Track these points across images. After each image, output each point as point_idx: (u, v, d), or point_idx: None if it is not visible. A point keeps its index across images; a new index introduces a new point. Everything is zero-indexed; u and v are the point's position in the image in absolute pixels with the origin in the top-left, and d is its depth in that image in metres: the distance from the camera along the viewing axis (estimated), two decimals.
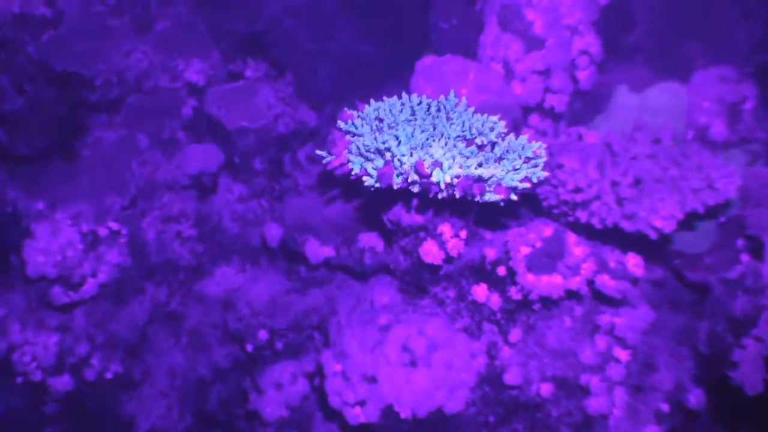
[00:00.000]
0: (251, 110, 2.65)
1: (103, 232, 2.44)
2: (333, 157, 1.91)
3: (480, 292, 2.13)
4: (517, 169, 1.83)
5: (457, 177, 1.68)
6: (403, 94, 2.11)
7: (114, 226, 2.48)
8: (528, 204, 2.13)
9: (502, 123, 1.98)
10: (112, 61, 2.51)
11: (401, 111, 2.06)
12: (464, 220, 2.03)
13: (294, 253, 2.53)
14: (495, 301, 2.13)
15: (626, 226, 1.76)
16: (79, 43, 2.43)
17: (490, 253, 2.10)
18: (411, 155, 1.75)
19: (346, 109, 2.07)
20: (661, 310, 2.31)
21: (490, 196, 1.70)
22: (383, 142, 1.87)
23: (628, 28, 2.60)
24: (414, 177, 1.68)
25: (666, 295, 2.30)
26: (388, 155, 1.79)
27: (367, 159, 1.87)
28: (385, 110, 2.05)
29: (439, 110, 2.08)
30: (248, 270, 2.82)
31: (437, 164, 1.70)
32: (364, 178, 1.81)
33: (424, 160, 1.71)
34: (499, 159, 1.89)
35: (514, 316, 2.19)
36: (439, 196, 1.69)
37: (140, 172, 2.56)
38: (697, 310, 2.23)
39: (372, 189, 1.80)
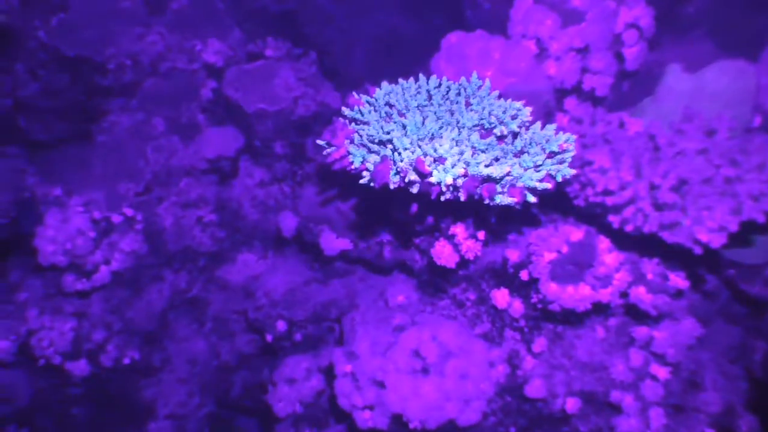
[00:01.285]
0: (270, 92, 2.44)
1: (116, 219, 2.31)
2: (333, 148, 1.67)
3: (500, 297, 1.86)
4: (539, 165, 1.54)
5: (464, 176, 1.41)
6: (420, 76, 1.84)
7: (128, 212, 2.35)
8: (557, 202, 1.83)
9: (527, 110, 1.68)
10: (123, 44, 2.34)
11: (415, 96, 1.80)
12: (482, 219, 1.77)
13: (310, 244, 2.33)
14: (517, 307, 1.86)
15: (666, 236, 1.45)
16: (90, 27, 2.27)
17: (513, 256, 1.83)
18: (414, 149, 1.49)
19: (354, 93, 1.83)
20: (712, 322, 1.98)
21: (502, 199, 1.43)
22: (387, 132, 1.62)
23: None
24: (413, 176, 1.42)
25: (719, 306, 1.96)
26: (388, 149, 1.54)
27: (371, 151, 1.63)
28: (397, 95, 1.79)
29: (459, 95, 1.80)
30: (270, 257, 2.65)
31: (441, 161, 1.44)
32: (364, 173, 1.56)
33: (426, 156, 1.45)
34: (520, 153, 1.60)
35: (539, 323, 1.92)
36: (442, 198, 1.43)
37: (155, 158, 2.41)
38: (756, 327, 1.89)
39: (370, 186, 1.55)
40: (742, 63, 2.02)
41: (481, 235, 1.73)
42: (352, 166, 1.60)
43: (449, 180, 1.36)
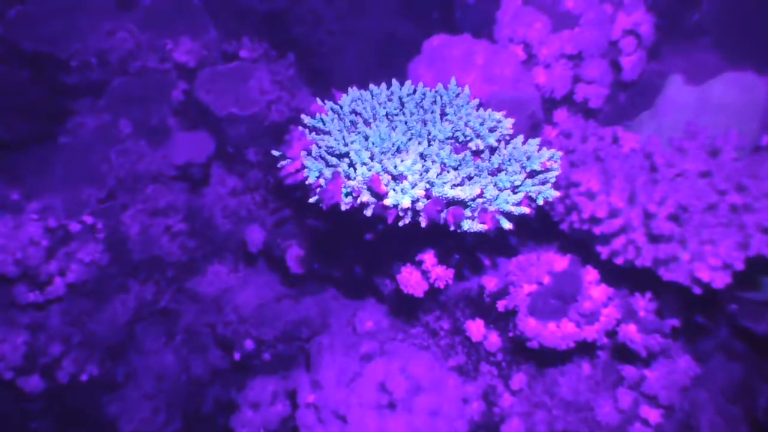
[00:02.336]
0: (242, 96, 2.21)
1: (74, 227, 2.09)
2: (288, 161, 1.44)
3: (475, 329, 1.62)
4: (517, 186, 1.30)
5: (426, 198, 1.17)
6: (393, 81, 1.61)
7: (88, 220, 2.12)
8: (540, 225, 1.59)
9: (508, 122, 1.44)
10: (89, 40, 2.12)
11: (386, 103, 1.56)
12: (456, 242, 1.53)
13: (278, 260, 2.10)
14: (493, 341, 1.62)
15: (661, 273, 1.20)
16: (52, 21, 2.06)
17: (490, 284, 1.59)
18: (373, 165, 1.25)
19: (318, 99, 1.59)
20: (710, 359, 1.73)
21: (471, 226, 1.19)
22: (346, 144, 1.38)
23: (691, 2, 1.96)
24: (366, 197, 1.18)
25: (716, 341, 1.71)
26: (344, 164, 1.30)
27: (329, 165, 1.39)
28: (365, 101, 1.56)
29: (434, 103, 1.56)
30: (241, 270, 2.42)
31: (401, 179, 1.20)
32: (318, 190, 1.33)
33: (386, 172, 1.21)
34: (497, 170, 1.36)
35: (517, 358, 1.67)
36: (401, 224, 1.19)
37: (120, 162, 2.18)
38: (760, 368, 1.65)
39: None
40: (751, 75, 1.78)
41: (453, 261, 1.49)
42: (308, 182, 1.37)
43: (406, 203, 1.13)
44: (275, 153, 1.47)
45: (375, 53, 3.01)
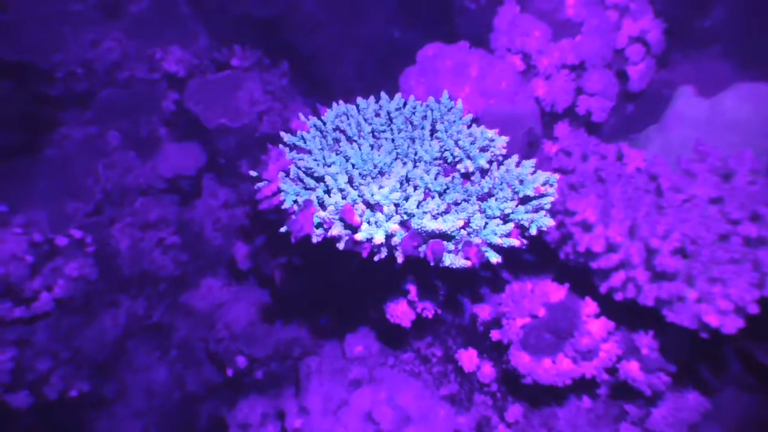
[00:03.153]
0: (233, 106, 2.10)
1: (61, 241, 2.00)
2: (264, 182, 1.32)
3: (467, 359, 1.50)
4: (508, 214, 1.17)
5: (406, 230, 1.05)
6: (382, 95, 1.49)
7: (77, 234, 2.03)
8: (536, 248, 1.46)
9: (501, 141, 1.31)
10: (74, 50, 2.03)
11: (373, 118, 1.44)
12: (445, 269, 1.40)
13: (266, 277, 1.99)
14: (487, 372, 1.50)
15: (665, 313, 1.07)
16: (35, 30, 1.96)
17: (483, 312, 1.46)
18: (349, 191, 1.13)
19: (300, 114, 1.47)
20: (722, 392, 1.59)
21: (453, 261, 1.06)
22: (329, 164, 1.26)
23: (703, 8, 1.81)
24: (338, 229, 1.06)
25: (728, 374, 1.57)
26: (320, 189, 1.18)
27: (307, 188, 1.27)
28: (350, 117, 1.44)
29: (425, 118, 1.44)
30: (234, 285, 2.32)
31: (379, 209, 1.08)
32: (293, 217, 1.21)
33: (362, 200, 1.09)
34: (488, 195, 1.23)
35: (513, 388, 1.55)
36: (376, 258, 1.07)
37: (107, 175, 2.09)
38: None
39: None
40: (765, 87, 1.63)
41: (440, 292, 1.37)
42: (283, 206, 1.25)
43: (379, 238, 1.00)
44: (252, 174, 1.36)
45: (375, 61, 2.89)
